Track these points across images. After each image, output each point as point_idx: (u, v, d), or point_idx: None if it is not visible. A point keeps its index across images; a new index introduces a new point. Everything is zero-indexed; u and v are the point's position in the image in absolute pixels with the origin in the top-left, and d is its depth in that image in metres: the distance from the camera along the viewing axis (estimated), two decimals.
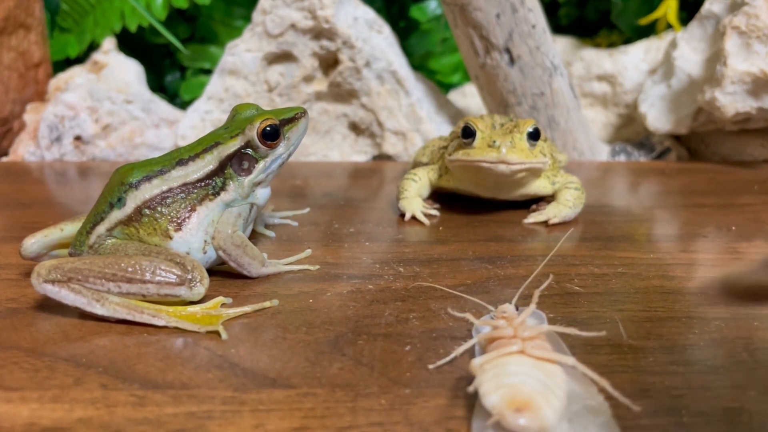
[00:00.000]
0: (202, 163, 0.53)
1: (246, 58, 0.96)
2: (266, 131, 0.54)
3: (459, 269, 0.56)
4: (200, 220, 0.52)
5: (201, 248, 0.52)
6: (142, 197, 0.51)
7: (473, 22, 0.89)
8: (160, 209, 0.51)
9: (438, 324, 0.47)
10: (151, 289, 0.47)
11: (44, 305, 0.49)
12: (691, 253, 0.60)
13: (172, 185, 0.52)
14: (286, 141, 0.56)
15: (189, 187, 0.52)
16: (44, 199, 0.81)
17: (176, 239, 0.51)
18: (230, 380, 0.40)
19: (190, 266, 0.48)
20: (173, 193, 0.52)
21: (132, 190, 0.51)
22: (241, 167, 0.54)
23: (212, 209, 0.53)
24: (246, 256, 0.53)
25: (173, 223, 0.51)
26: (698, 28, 0.99)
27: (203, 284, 0.48)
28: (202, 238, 0.52)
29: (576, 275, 0.55)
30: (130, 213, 0.51)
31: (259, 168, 0.55)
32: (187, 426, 0.35)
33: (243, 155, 0.54)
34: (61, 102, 0.99)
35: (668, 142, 1.03)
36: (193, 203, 0.52)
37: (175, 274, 0.47)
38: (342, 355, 0.42)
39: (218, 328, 0.45)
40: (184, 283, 0.47)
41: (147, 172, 0.52)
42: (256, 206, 0.56)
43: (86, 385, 0.39)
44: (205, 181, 0.53)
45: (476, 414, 0.35)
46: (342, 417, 0.36)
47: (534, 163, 0.65)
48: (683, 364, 0.41)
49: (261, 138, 0.54)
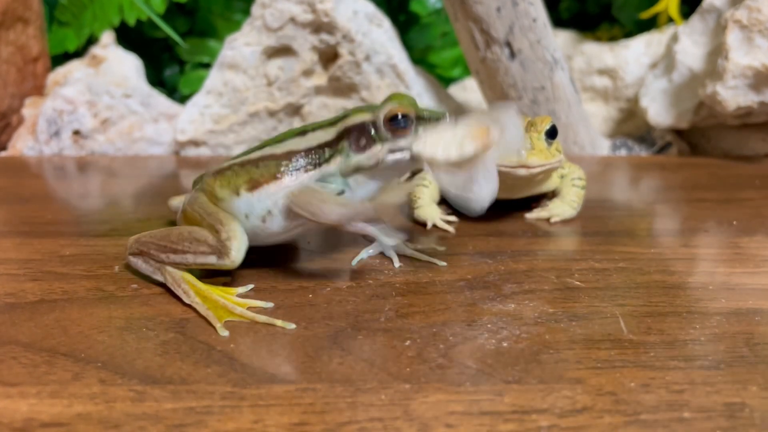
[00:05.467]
0: (322, 134, 0.52)
1: (245, 52, 0.96)
2: (396, 117, 0.50)
3: (459, 264, 0.56)
4: (279, 188, 0.51)
5: (261, 216, 0.51)
6: (243, 158, 0.53)
7: (474, 15, 0.89)
8: (248, 168, 0.52)
9: (438, 318, 0.46)
10: (189, 258, 0.49)
11: (43, 300, 0.49)
12: (692, 248, 0.60)
13: (276, 152, 0.52)
14: (414, 136, 0.50)
15: (292, 154, 0.51)
16: (43, 194, 0.81)
17: (243, 198, 0.51)
18: (229, 375, 0.39)
19: (225, 236, 0.49)
20: (273, 158, 0.51)
21: (243, 155, 0.54)
22: (358, 143, 0.51)
23: (300, 181, 0.51)
24: (324, 203, 0.48)
25: (249, 183, 0.51)
26: (700, 21, 0.99)
27: (232, 257, 0.48)
28: (267, 207, 0.51)
29: (577, 270, 0.55)
30: (225, 167, 0.53)
31: (375, 149, 0.51)
32: (186, 421, 0.35)
33: (364, 132, 0.51)
34: (59, 96, 0.99)
35: (669, 136, 1.03)
36: (283, 170, 0.51)
37: (208, 244, 0.49)
38: (341, 350, 0.42)
39: (218, 325, 0.45)
40: (214, 253, 0.49)
41: (269, 142, 0.53)
42: (349, 195, 0.52)
43: (85, 380, 0.39)
44: (314, 151, 0.51)
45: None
46: (342, 412, 0.36)
47: (553, 163, 0.64)
48: (684, 360, 0.41)
49: (387, 121, 0.50)
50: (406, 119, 0.50)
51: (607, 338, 0.44)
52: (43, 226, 0.67)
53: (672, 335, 0.44)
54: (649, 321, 0.46)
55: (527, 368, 0.40)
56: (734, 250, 0.60)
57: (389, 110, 0.50)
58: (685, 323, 0.46)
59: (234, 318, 0.46)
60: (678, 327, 0.45)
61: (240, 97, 0.97)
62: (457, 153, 0.47)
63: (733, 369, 0.40)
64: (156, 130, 1.01)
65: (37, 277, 0.53)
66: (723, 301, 0.49)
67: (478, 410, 0.36)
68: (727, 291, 0.51)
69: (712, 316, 0.47)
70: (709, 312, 0.47)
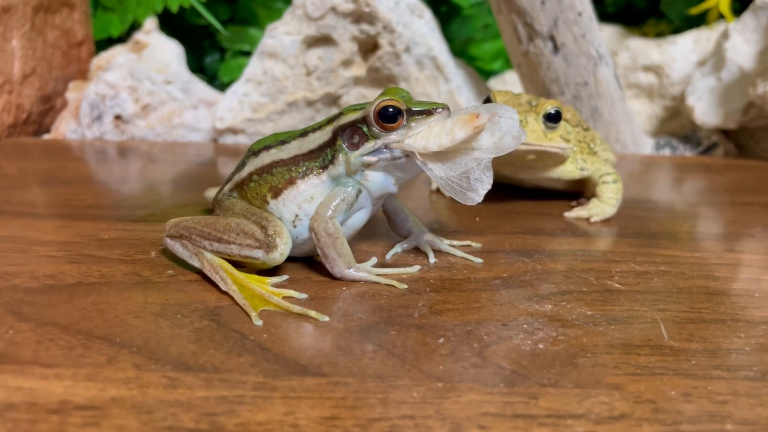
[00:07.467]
0: (320, 135, 0.53)
1: (285, 40, 0.96)
2: (385, 110, 0.50)
3: (495, 262, 0.55)
4: (298, 193, 0.52)
5: (291, 220, 0.52)
6: (256, 164, 0.54)
7: (517, 8, 0.87)
8: (265, 176, 0.53)
9: (472, 317, 0.46)
10: (233, 249, 0.50)
11: (81, 282, 0.50)
12: (738, 253, 0.58)
13: (284, 156, 0.53)
14: (407, 130, 0.50)
15: (299, 158, 0.53)
16: (84, 177, 0.82)
17: (271, 206, 0.53)
18: (262, 365, 0.39)
19: (273, 231, 0.50)
20: (283, 163, 0.53)
21: (253, 157, 0.54)
22: (351, 141, 0.51)
23: (315, 184, 0.52)
24: (333, 250, 0.50)
25: (272, 191, 0.53)
26: (752, 18, 0.96)
27: (280, 250, 0.49)
28: (294, 211, 0.52)
29: (616, 272, 0.53)
30: (245, 177, 0.54)
31: (368, 146, 0.51)
32: (217, 410, 0.35)
33: (356, 129, 0.51)
34: (102, 81, 1.00)
35: (716, 136, 1.00)
36: (296, 175, 0.53)
37: (255, 237, 0.50)
38: (374, 345, 0.42)
39: (253, 314, 0.45)
40: (261, 247, 0.50)
41: (271, 141, 0.54)
42: (367, 193, 0.52)
43: (120, 365, 0.39)
44: (317, 153, 0.52)
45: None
46: (373, 408, 0.35)
47: (547, 146, 0.63)
48: (727, 369, 0.40)
49: (377, 116, 0.50)
50: (395, 112, 0.50)
51: (647, 344, 0.42)
52: (83, 209, 0.68)
53: (715, 343, 0.43)
54: (691, 327, 0.45)
55: (563, 371, 0.39)
56: None
57: (378, 104, 0.50)
58: (729, 331, 0.44)
59: (269, 307, 0.46)
60: (721, 335, 0.44)
61: (279, 86, 0.97)
62: (448, 140, 0.47)
63: None
64: (195, 116, 1.01)
65: (76, 260, 0.54)
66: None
67: (511, 413, 0.35)
68: None
69: (757, 325, 0.45)
70: (754, 320, 0.46)
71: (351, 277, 0.51)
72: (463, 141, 0.47)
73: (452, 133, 0.47)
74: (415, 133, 0.49)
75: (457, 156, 0.49)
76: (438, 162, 0.49)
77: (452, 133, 0.47)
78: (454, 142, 0.47)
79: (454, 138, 0.47)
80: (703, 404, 0.36)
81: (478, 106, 0.49)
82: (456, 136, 0.47)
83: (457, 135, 0.47)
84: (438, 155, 0.49)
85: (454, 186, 0.49)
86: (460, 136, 0.47)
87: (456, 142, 0.47)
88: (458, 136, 0.47)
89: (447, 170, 0.49)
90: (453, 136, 0.47)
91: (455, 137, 0.47)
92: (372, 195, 0.53)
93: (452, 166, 0.49)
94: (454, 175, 0.49)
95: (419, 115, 0.50)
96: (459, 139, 0.47)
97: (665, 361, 0.40)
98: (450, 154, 0.49)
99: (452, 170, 0.49)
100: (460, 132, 0.47)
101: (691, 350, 0.42)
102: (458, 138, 0.47)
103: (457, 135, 0.47)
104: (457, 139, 0.47)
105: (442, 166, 0.49)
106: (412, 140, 0.49)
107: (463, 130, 0.47)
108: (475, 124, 0.47)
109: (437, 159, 0.49)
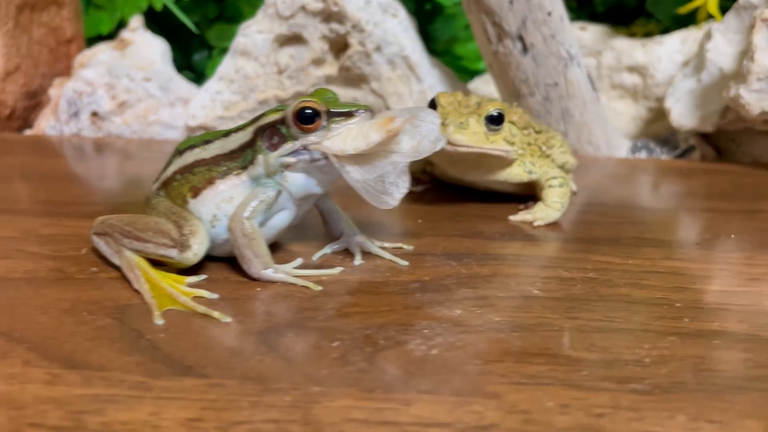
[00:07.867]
0: (242, 135, 0.53)
1: (257, 39, 0.96)
2: (303, 112, 0.50)
3: (421, 265, 0.55)
4: (217, 193, 0.53)
5: (209, 221, 0.52)
6: (180, 164, 0.54)
7: (486, 7, 0.86)
8: (187, 176, 0.54)
9: (377, 320, 0.45)
10: (150, 248, 0.51)
11: (4, 278, 0.51)
12: (675, 261, 0.57)
13: (205, 156, 0.53)
14: (326, 132, 0.50)
15: (220, 158, 0.53)
16: (49, 174, 0.83)
17: (190, 205, 0.53)
18: (147, 365, 0.40)
19: (188, 230, 0.51)
20: (205, 163, 0.53)
21: (178, 156, 0.55)
22: (271, 142, 0.52)
23: (234, 185, 0.52)
24: (249, 250, 0.50)
25: (192, 191, 0.53)
26: (735, 18, 0.93)
27: (193, 251, 0.50)
28: (212, 212, 0.52)
29: (541, 278, 0.53)
30: (169, 176, 0.55)
31: (287, 147, 0.51)
32: (88, 408, 0.36)
33: (276, 130, 0.52)
34: (80, 78, 1.02)
35: (694, 139, 0.98)
36: (215, 175, 0.53)
37: (171, 237, 0.50)
38: (266, 348, 0.42)
39: (156, 313, 0.45)
40: (176, 246, 0.50)
41: (196, 141, 0.55)
42: (287, 194, 0.52)
43: (10, 360, 0.40)
44: (238, 153, 0.53)
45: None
46: (241, 411, 0.36)
47: (487, 149, 0.63)
48: (617, 381, 0.39)
49: (295, 117, 0.50)
50: (313, 114, 0.50)
51: (544, 352, 0.42)
52: (35, 204, 0.69)
53: (615, 354, 0.42)
54: (597, 337, 0.44)
55: (447, 378, 0.39)
56: (721, 266, 0.56)
57: (295, 105, 0.50)
58: (635, 342, 0.43)
59: (176, 307, 0.47)
60: (625, 345, 0.43)
61: (250, 84, 0.98)
62: (363, 143, 0.47)
63: (668, 395, 0.38)
64: (171, 114, 1.02)
65: (8, 255, 0.55)
66: (686, 320, 0.46)
67: (378, 419, 0.35)
68: (695, 310, 0.48)
69: (667, 336, 0.44)
70: (665, 331, 0.45)
71: (268, 278, 0.51)
72: (378, 144, 0.47)
73: (368, 136, 0.48)
74: (334, 135, 0.49)
75: (375, 159, 0.49)
76: (355, 164, 0.49)
77: (368, 136, 0.48)
78: (370, 145, 0.47)
79: (369, 141, 0.47)
80: (578, 417, 0.36)
81: (396, 110, 0.49)
82: (371, 139, 0.47)
83: (372, 138, 0.47)
84: (356, 158, 0.49)
85: (370, 189, 0.49)
86: (375, 139, 0.47)
87: (371, 145, 0.47)
88: (373, 139, 0.47)
89: (363, 173, 0.49)
90: (368, 139, 0.47)
91: (370, 140, 0.47)
92: (293, 196, 0.53)
93: (369, 169, 0.49)
94: (371, 178, 0.49)
95: (339, 117, 0.50)
96: (374, 142, 0.47)
97: (556, 370, 0.40)
98: (368, 156, 0.49)
99: (369, 173, 0.49)
100: (375, 135, 0.47)
101: (587, 360, 0.41)
102: (373, 141, 0.47)
103: (372, 138, 0.47)
104: (372, 142, 0.47)
105: (359, 169, 0.49)
106: (329, 142, 0.49)
107: (378, 133, 0.47)
108: (388, 127, 0.47)
109: (354, 161, 0.49)
